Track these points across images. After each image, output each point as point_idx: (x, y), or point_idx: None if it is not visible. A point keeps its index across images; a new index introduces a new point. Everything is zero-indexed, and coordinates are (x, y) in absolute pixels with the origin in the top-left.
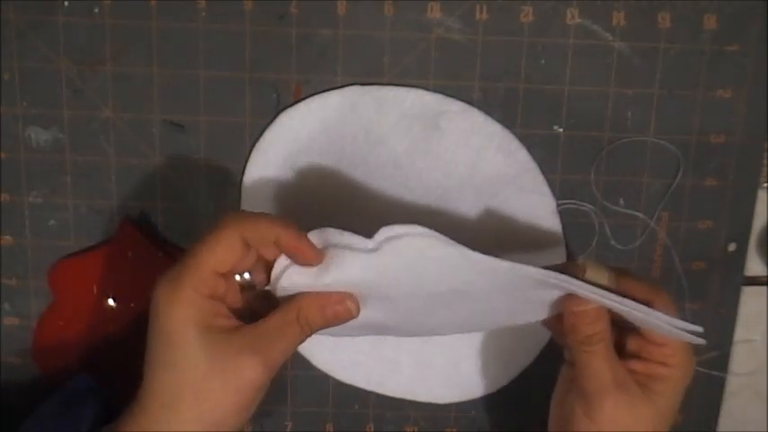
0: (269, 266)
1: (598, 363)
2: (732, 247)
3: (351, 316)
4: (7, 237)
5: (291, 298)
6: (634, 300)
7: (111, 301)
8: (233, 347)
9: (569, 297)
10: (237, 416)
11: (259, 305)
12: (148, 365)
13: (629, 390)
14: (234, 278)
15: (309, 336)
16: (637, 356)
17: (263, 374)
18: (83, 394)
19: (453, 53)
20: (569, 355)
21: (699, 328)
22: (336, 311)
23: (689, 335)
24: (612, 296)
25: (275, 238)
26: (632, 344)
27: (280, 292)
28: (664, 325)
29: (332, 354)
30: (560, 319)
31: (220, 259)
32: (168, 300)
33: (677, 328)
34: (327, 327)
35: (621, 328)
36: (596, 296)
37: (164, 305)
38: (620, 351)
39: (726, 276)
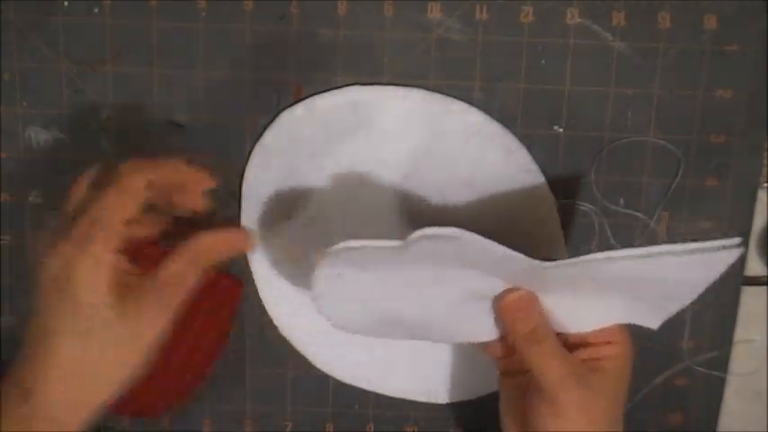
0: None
1: (552, 360)
2: None
3: (240, 241)
4: (7, 237)
5: (186, 241)
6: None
7: None
8: (140, 303)
9: (496, 297)
10: (141, 369)
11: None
12: (53, 335)
13: (588, 378)
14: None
15: (205, 266)
16: (580, 346)
17: (166, 323)
18: None
19: (453, 53)
20: (504, 366)
21: (734, 240)
22: (229, 239)
23: (724, 250)
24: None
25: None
26: (573, 337)
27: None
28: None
29: (332, 354)
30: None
31: (129, 208)
32: (78, 262)
33: (707, 249)
34: (220, 256)
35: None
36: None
37: (73, 268)
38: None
39: (726, 276)
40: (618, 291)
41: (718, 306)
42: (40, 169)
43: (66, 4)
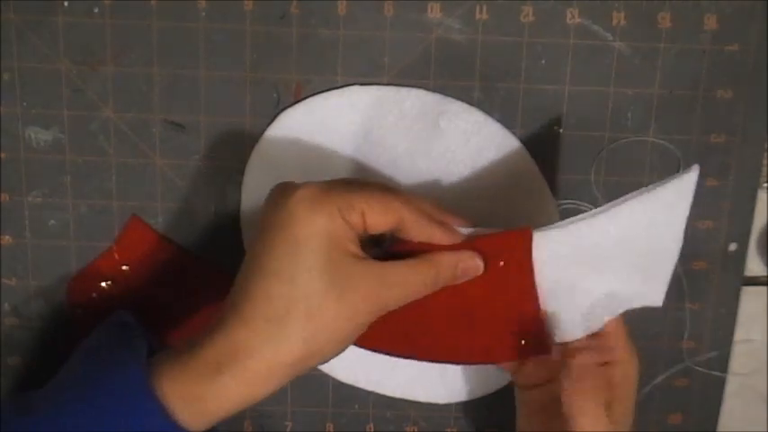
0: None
1: (589, 405)
2: (732, 247)
3: (478, 271)
4: (7, 237)
5: (424, 252)
6: None
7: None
8: (355, 277)
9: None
10: (338, 346)
11: None
12: (258, 275)
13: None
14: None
15: (430, 291)
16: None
17: (373, 314)
18: (131, 325)
19: (453, 53)
20: (522, 380)
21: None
22: (467, 267)
23: (683, 180)
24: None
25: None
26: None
27: None
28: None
29: None
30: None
31: (373, 206)
32: (310, 208)
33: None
34: (453, 280)
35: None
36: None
37: (304, 211)
38: None
39: (726, 276)
40: (610, 266)
41: (718, 306)
42: (40, 169)
43: (66, 4)
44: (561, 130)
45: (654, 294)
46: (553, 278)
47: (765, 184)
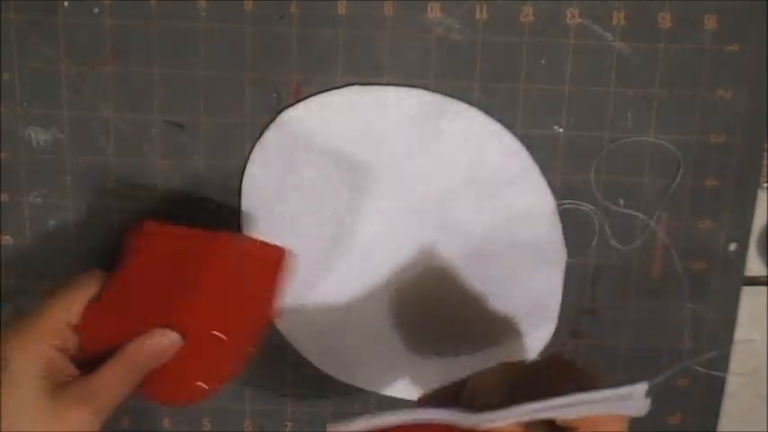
0: None
1: None
2: (732, 247)
3: (172, 344)
4: (7, 237)
5: (120, 348)
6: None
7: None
8: (68, 399)
9: None
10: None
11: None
12: None
13: None
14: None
15: (141, 376)
16: (569, 428)
17: (93, 424)
18: None
19: (453, 53)
20: None
21: (641, 388)
22: (159, 347)
23: (634, 402)
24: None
25: None
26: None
27: None
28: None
29: (332, 354)
30: None
31: (71, 315)
32: (10, 349)
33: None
34: (156, 363)
35: None
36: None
37: (12, 355)
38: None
39: (726, 276)
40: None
41: (718, 306)
42: (40, 169)
43: (66, 4)
44: (561, 130)
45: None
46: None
47: (765, 184)
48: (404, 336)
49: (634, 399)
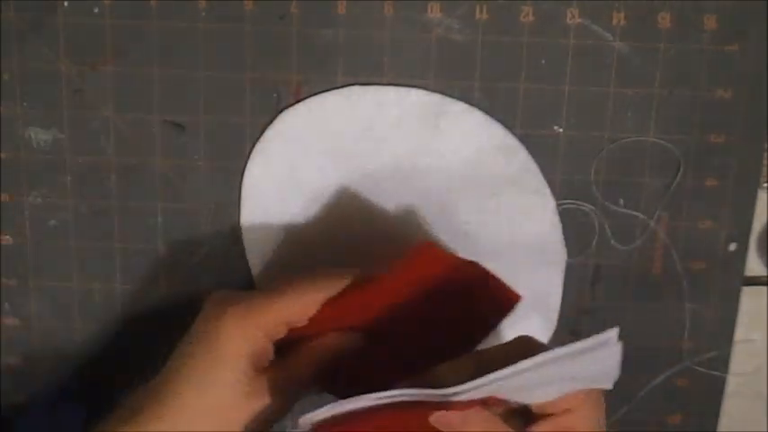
0: None
1: None
2: (732, 247)
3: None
4: (7, 237)
5: (314, 343)
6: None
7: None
8: (264, 388)
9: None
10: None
11: None
12: (176, 380)
13: None
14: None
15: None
16: (541, 418)
17: (282, 413)
18: (67, 401)
19: (453, 53)
20: None
21: (610, 333)
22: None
23: (606, 350)
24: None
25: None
26: (535, 407)
27: None
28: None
29: None
30: None
31: (296, 314)
32: (235, 328)
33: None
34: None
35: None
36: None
37: (231, 330)
38: (522, 417)
39: (726, 276)
40: (554, 381)
41: (718, 306)
42: (40, 169)
43: (66, 4)
44: (561, 130)
45: (603, 382)
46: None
47: (765, 184)
48: None
49: (607, 348)
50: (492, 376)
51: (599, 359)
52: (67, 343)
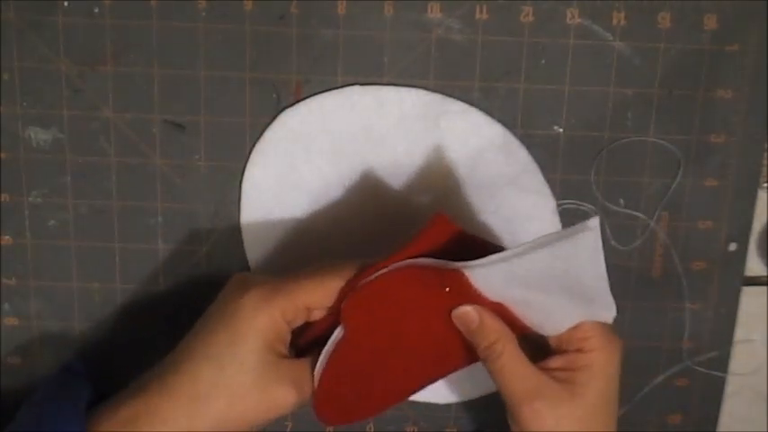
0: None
1: (507, 375)
2: (732, 247)
3: None
4: (7, 237)
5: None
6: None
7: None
8: (279, 374)
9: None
10: (250, 429)
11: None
12: (192, 355)
13: (546, 393)
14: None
15: None
16: (556, 352)
17: (294, 405)
18: (76, 375)
19: (453, 53)
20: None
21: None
22: None
23: (583, 233)
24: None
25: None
26: (553, 340)
27: None
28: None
29: None
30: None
31: (318, 299)
32: (257, 308)
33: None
34: None
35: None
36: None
37: (251, 310)
38: (541, 351)
39: (726, 276)
40: (551, 287)
41: (718, 306)
42: (40, 169)
43: (66, 4)
44: (561, 130)
45: (604, 313)
46: (502, 298)
47: (765, 184)
48: None
49: (587, 233)
50: (509, 252)
51: (581, 247)
52: (67, 343)
